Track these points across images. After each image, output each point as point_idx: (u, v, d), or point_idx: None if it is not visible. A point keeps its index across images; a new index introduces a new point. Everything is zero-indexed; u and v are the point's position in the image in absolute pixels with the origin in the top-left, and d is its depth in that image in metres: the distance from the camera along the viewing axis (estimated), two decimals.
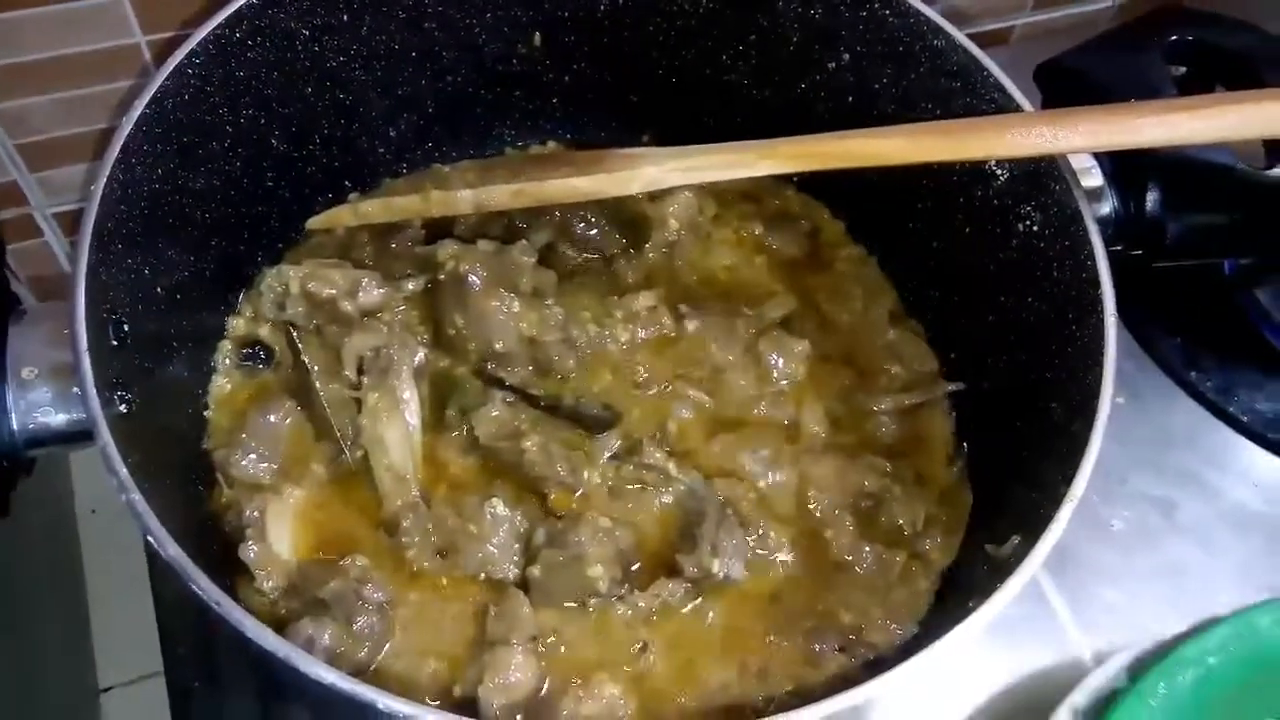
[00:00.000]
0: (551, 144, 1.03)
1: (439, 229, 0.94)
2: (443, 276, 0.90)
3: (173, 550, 0.58)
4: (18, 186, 1.08)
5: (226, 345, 0.90)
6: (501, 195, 0.86)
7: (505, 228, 0.96)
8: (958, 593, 0.80)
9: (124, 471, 0.60)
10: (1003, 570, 0.68)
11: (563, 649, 0.78)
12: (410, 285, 0.92)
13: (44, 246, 1.16)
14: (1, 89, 0.97)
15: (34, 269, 1.18)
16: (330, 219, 0.91)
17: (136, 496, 0.59)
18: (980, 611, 0.62)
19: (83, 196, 1.07)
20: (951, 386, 0.93)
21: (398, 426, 0.83)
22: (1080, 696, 0.84)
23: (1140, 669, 0.84)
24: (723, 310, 0.95)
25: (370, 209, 0.89)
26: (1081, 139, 0.75)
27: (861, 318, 0.98)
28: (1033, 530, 0.68)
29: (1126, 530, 1.00)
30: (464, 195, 0.87)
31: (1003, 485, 0.83)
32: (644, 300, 0.93)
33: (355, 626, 0.77)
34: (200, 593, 0.58)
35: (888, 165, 0.80)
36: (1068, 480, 0.67)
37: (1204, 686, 0.83)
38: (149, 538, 0.58)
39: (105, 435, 0.61)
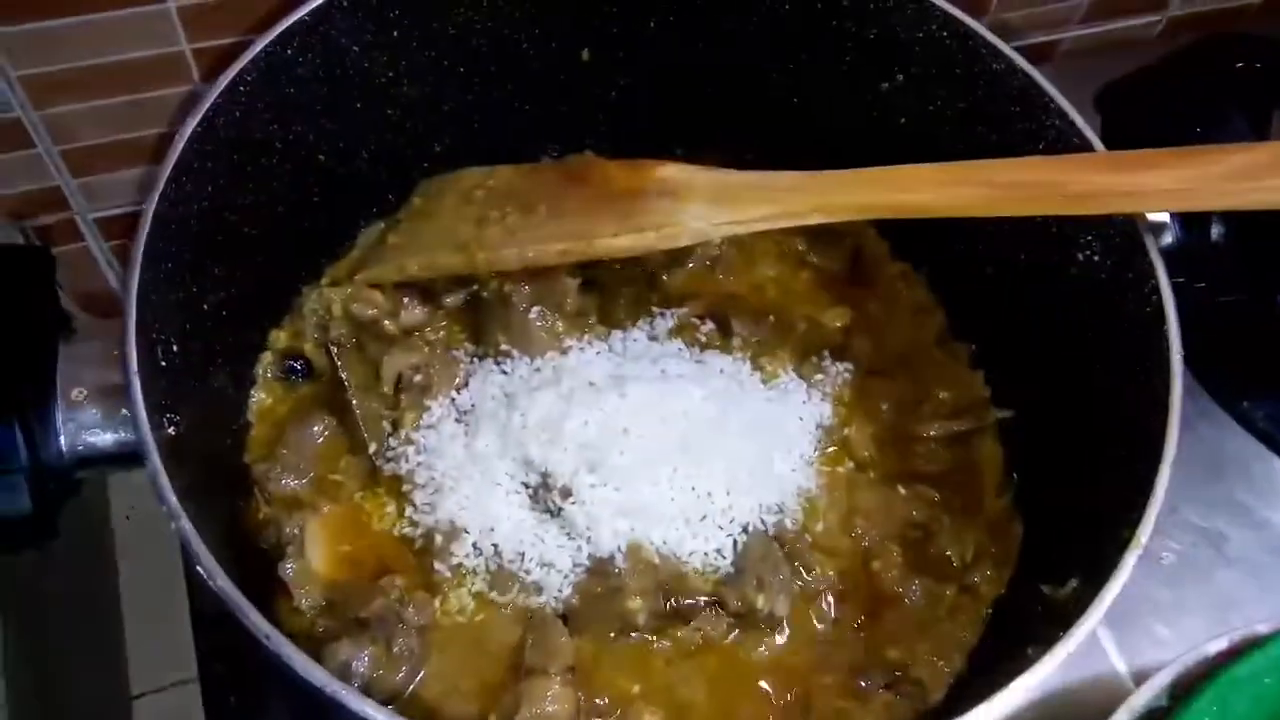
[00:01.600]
0: (588, 152, 1.02)
1: None
2: (486, 295, 0.90)
3: (222, 582, 0.58)
4: (60, 192, 1.08)
5: (267, 358, 0.89)
6: (548, 255, 0.85)
7: None
8: (1009, 631, 0.78)
9: (174, 500, 0.60)
10: (1061, 615, 0.66)
11: (601, 681, 0.77)
12: (449, 300, 0.91)
13: (84, 252, 1.16)
14: (46, 96, 0.97)
15: (75, 275, 1.18)
16: (380, 275, 0.89)
17: (186, 525, 0.59)
18: (1042, 663, 0.60)
19: (126, 201, 1.06)
20: (1002, 414, 0.91)
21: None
22: (1123, 716, 0.81)
23: (1183, 687, 0.81)
24: (773, 327, 0.94)
25: (416, 268, 0.88)
26: (1159, 200, 0.72)
27: (909, 339, 0.97)
28: (1093, 574, 0.66)
29: (1176, 562, 0.98)
30: (510, 254, 0.85)
31: (1056, 520, 0.81)
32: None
33: (394, 649, 0.76)
34: (251, 627, 0.57)
35: (945, 217, 0.78)
36: (1132, 524, 0.65)
37: (1259, 706, 0.80)
38: (198, 567, 0.57)
39: (155, 461, 0.61)
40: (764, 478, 0.84)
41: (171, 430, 0.66)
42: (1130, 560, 0.64)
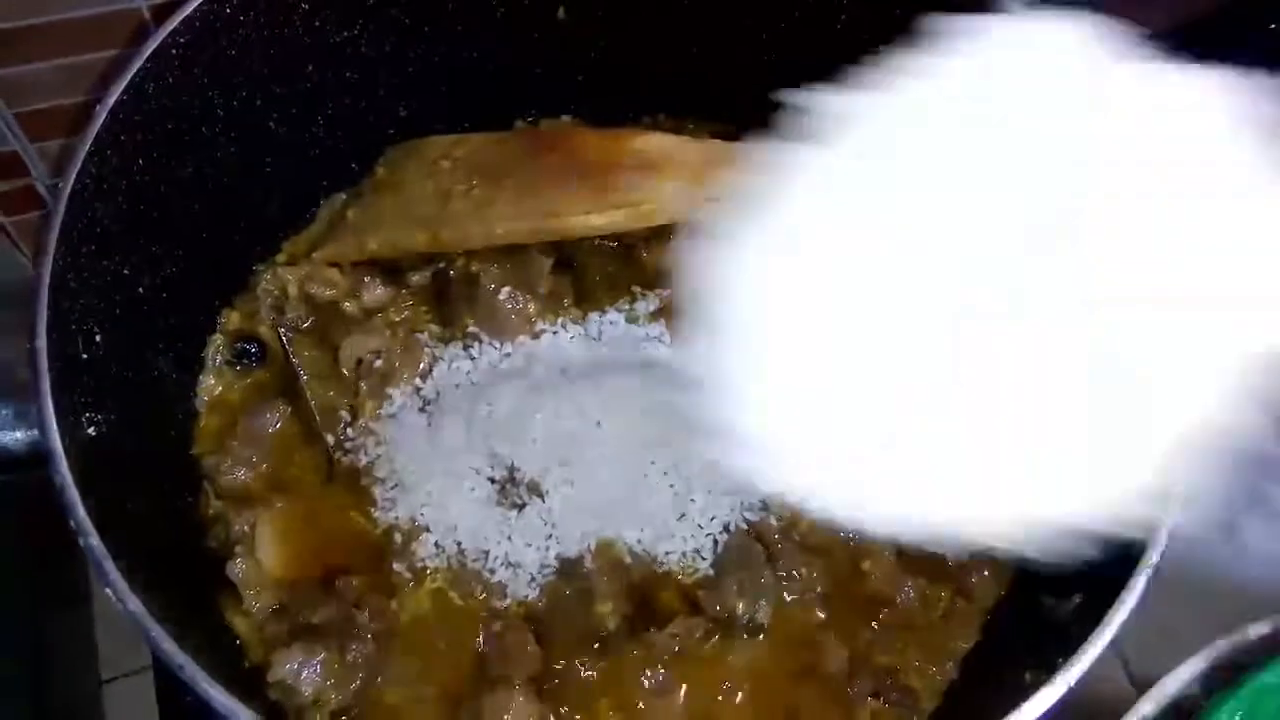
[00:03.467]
0: (565, 118, 0.95)
1: None
2: (453, 273, 0.84)
3: (134, 606, 0.53)
4: (19, 157, 1.03)
5: (218, 341, 0.84)
6: (517, 233, 0.80)
7: None
8: (1006, 642, 0.73)
9: (81, 513, 0.54)
10: (1062, 633, 0.61)
11: (569, 690, 0.72)
12: (414, 279, 0.86)
13: (47, 218, 1.11)
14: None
15: (37, 242, 1.13)
16: (338, 253, 0.84)
17: (95, 542, 0.54)
18: (1042, 693, 0.55)
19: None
20: None
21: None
22: (1149, 706, 0.75)
23: (1216, 679, 0.75)
24: None
25: (377, 245, 0.83)
26: None
27: None
28: (1097, 592, 0.60)
29: (1185, 550, 0.93)
30: (476, 232, 0.80)
31: None
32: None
33: (348, 656, 0.72)
34: (164, 655, 0.52)
35: None
36: (1143, 543, 0.59)
37: None
38: (106, 589, 0.52)
39: (64, 470, 0.55)
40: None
41: (93, 430, 0.61)
42: (1140, 582, 0.58)
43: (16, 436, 0.60)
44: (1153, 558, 0.58)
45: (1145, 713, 0.73)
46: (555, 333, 0.83)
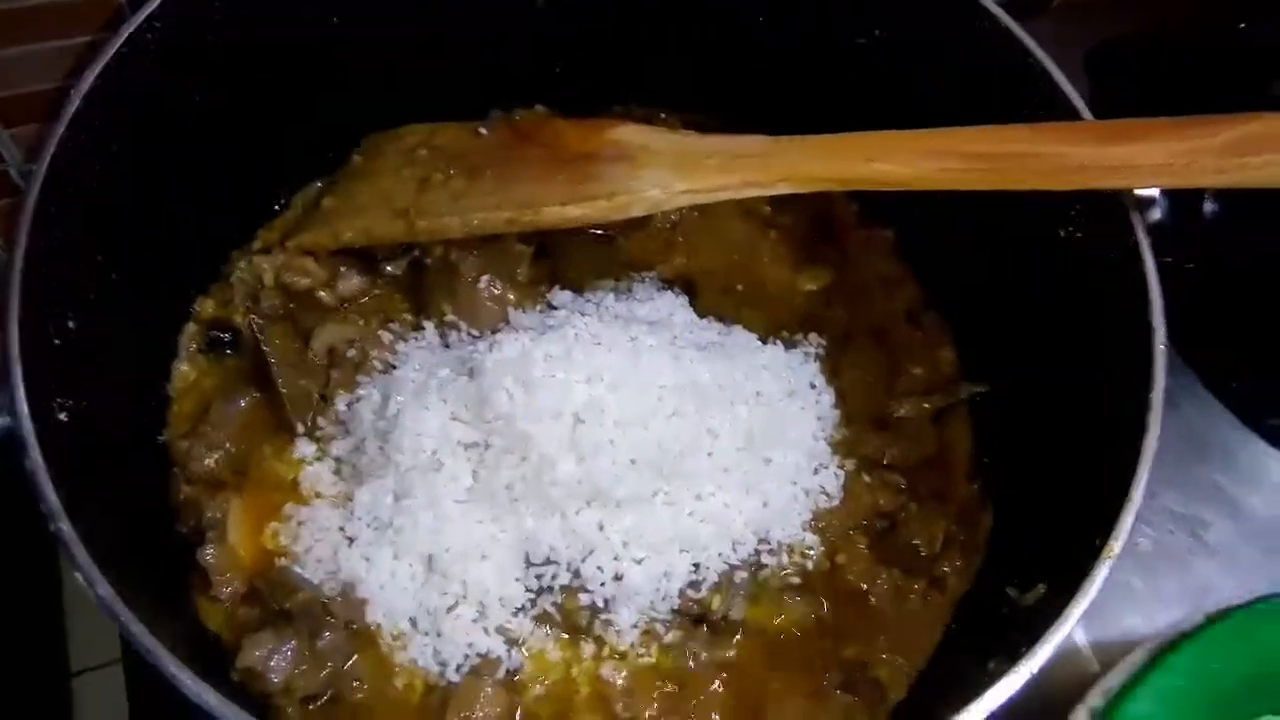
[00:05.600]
0: (539, 107, 0.95)
1: None
2: (430, 262, 0.84)
3: (103, 591, 0.53)
4: None
5: (192, 328, 0.84)
6: (493, 223, 0.80)
7: None
8: (972, 633, 0.74)
9: (53, 498, 0.54)
10: (1026, 622, 0.62)
11: (539, 686, 0.72)
12: (390, 268, 0.86)
13: (20, 205, 1.10)
14: None
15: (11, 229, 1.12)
16: (313, 242, 0.84)
17: (66, 527, 0.54)
18: (1002, 683, 0.56)
19: None
20: (974, 389, 0.85)
21: None
22: (1097, 698, 0.77)
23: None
24: (743, 295, 0.89)
25: (353, 234, 0.83)
26: (1148, 176, 0.65)
27: (879, 310, 0.91)
28: (1062, 581, 0.61)
29: (1152, 550, 0.94)
30: (453, 222, 0.80)
31: (1027, 513, 0.77)
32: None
33: (319, 644, 0.72)
34: (134, 638, 0.52)
35: (913, 190, 0.72)
36: (1104, 532, 0.60)
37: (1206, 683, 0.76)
38: (76, 574, 0.52)
39: (35, 456, 0.55)
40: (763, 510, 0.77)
41: (64, 416, 0.61)
42: (1102, 572, 0.59)
43: None
44: (1114, 548, 0.59)
45: (1094, 704, 0.75)
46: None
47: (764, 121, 0.80)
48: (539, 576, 0.73)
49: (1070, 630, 0.58)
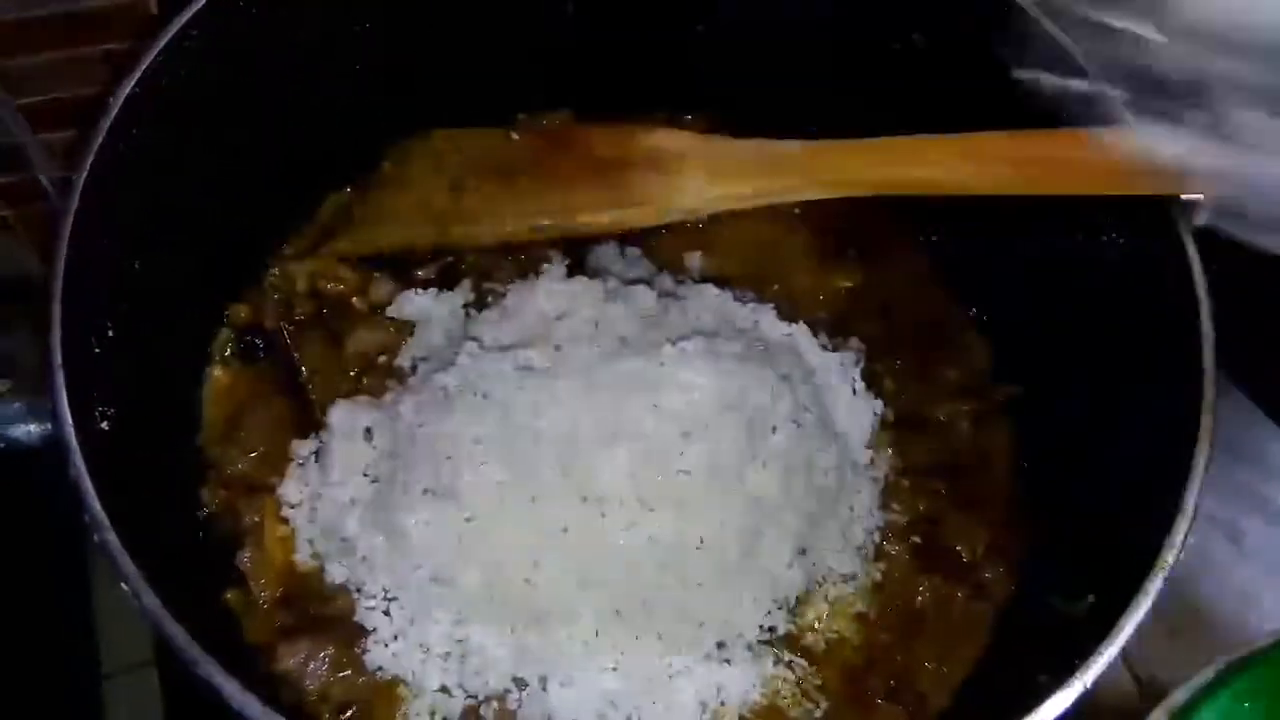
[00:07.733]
0: (564, 111, 0.93)
1: None
2: (463, 268, 0.84)
3: (148, 601, 0.53)
4: (22, 149, 1.02)
5: (225, 334, 0.83)
6: (526, 230, 0.80)
7: None
8: (1016, 643, 0.73)
9: (98, 508, 0.54)
10: (1073, 634, 0.61)
11: None
12: (422, 274, 0.85)
13: (49, 211, 1.11)
14: (3, 46, 0.90)
15: (41, 235, 1.12)
16: (349, 248, 0.84)
17: (112, 537, 0.54)
18: (1058, 695, 0.55)
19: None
20: (1009, 390, 0.84)
21: None
22: (1162, 715, 0.74)
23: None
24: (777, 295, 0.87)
25: (386, 241, 0.83)
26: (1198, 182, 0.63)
27: (915, 314, 0.90)
28: (1111, 593, 0.60)
29: (1187, 557, 0.93)
30: (486, 229, 0.80)
31: (1071, 522, 0.75)
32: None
33: (356, 650, 0.72)
34: (179, 650, 0.52)
35: (954, 195, 0.71)
36: (1156, 546, 0.59)
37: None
38: (122, 584, 0.52)
39: (79, 463, 0.55)
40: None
41: (105, 424, 0.61)
42: (1156, 584, 0.58)
43: (29, 430, 0.60)
44: (1168, 560, 0.58)
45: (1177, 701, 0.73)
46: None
47: (796, 126, 0.80)
48: None
49: (1123, 644, 0.56)
